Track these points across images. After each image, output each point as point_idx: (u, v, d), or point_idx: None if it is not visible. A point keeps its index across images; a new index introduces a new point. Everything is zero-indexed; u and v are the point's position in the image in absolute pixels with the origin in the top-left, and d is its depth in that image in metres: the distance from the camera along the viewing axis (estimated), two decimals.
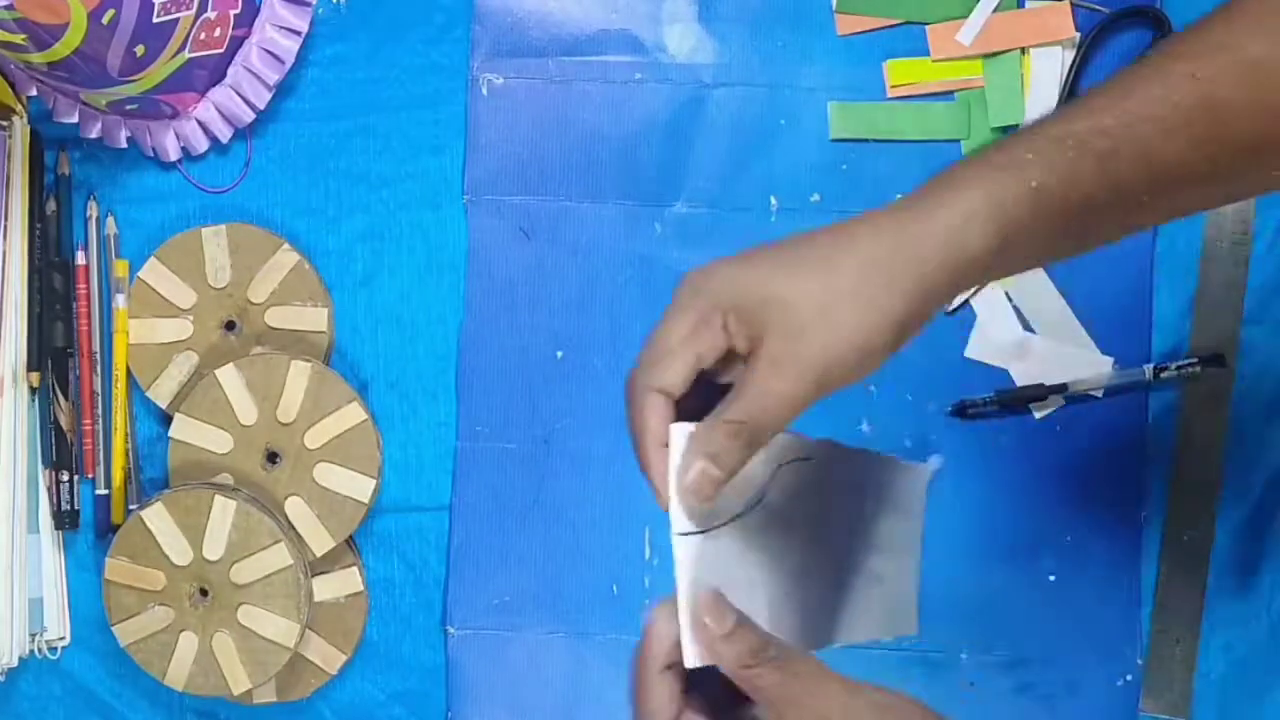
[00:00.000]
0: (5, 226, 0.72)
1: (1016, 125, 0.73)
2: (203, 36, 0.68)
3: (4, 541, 0.71)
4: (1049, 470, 0.73)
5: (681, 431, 0.46)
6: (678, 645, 0.48)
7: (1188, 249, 0.74)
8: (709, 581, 0.48)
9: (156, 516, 0.70)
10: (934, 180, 0.48)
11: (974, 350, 0.74)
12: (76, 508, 0.74)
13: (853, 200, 0.74)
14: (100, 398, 0.74)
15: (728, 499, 0.48)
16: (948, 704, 0.67)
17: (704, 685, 0.48)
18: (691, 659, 0.48)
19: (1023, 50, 0.73)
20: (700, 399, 0.47)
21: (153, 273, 0.73)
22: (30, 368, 0.72)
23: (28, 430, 0.73)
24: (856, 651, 0.74)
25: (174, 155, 0.74)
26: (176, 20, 0.65)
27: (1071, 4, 0.73)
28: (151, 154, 0.74)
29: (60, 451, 0.73)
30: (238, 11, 0.70)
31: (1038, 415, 0.73)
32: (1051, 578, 0.73)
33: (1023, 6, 0.73)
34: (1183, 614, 0.72)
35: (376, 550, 0.75)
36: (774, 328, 0.45)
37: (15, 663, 0.71)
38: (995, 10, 0.73)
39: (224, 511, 0.69)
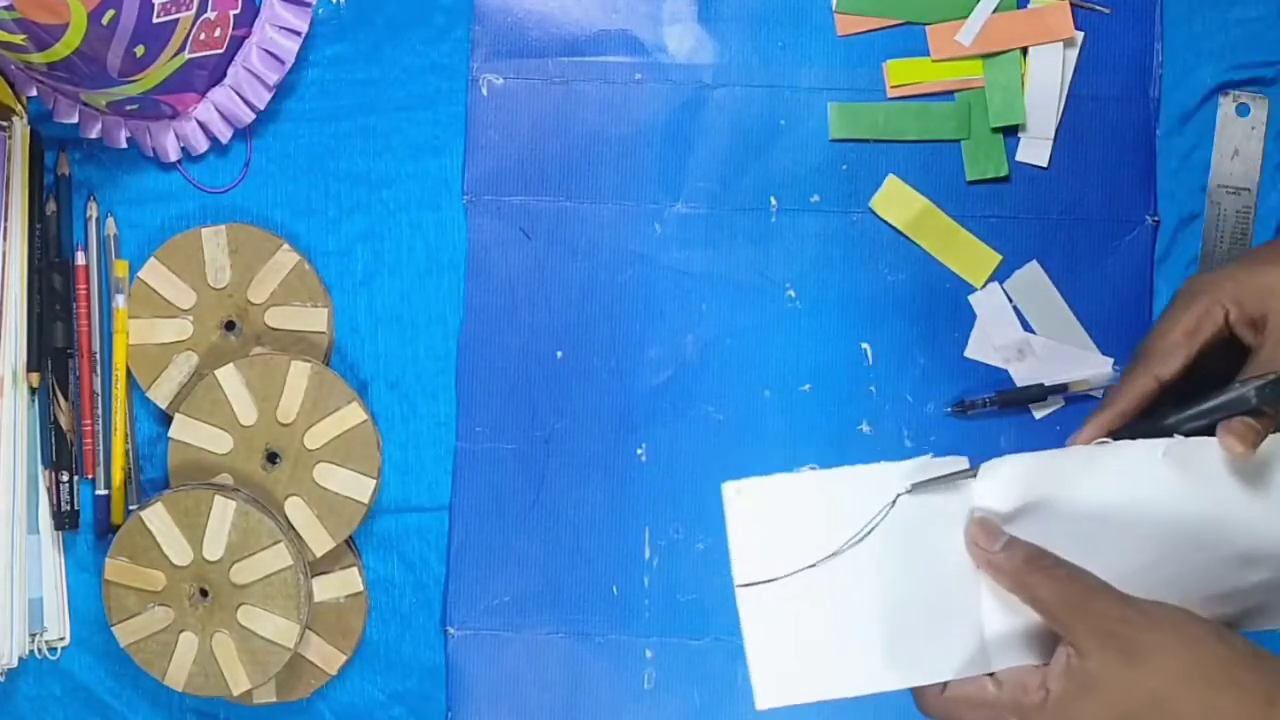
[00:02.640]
0: (5, 227, 0.72)
1: (1016, 125, 0.73)
2: (203, 37, 0.68)
3: (4, 542, 0.71)
4: None
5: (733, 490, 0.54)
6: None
7: (1187, 249, 0.74)
8: (778, 631, 0.53)
9: (156, 517, 0.70)
10: None
11: (974, 350, 0.74)
12: (76, 508, 0.74)
13: (853, 201, 0.74)
14: (100, 398, 0.74)
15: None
16: None
17: None
18: (764, 700, 0.52)
19: (1023, 50, 0.73)
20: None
21: (153, 273, 0.73)
22: (30, 368, 0.72)
23: (28, 430, 0.72)
24: None
25: (174, 155, 0.74)
26: (176, 20, 0.65)
27: (1071, 4, 0.73)
28: (151, 154, 0.74)
29: (60, 452, 0.73)
30: (237, 12, 0.70)
31: (1038, 415, 0.73)
32: None
33: (1023, 7, 0.73)
34: None
35: (376, 550, 0.75)
36: (1277, 309, 0.54)
37: (15, 663, 0.71)
38: (995, 10, 0.73)
39: (224, 512, 0.69)
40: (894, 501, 0.54)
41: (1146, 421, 0.56)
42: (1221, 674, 0.49)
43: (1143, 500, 0.53)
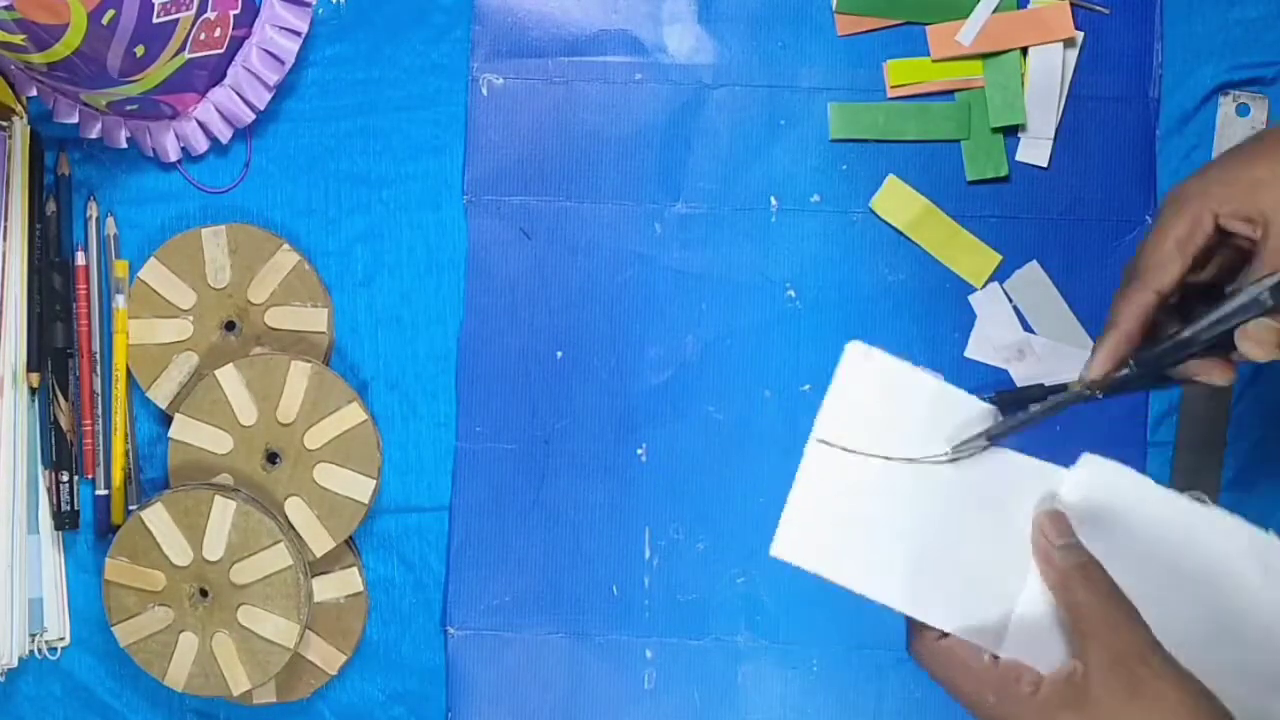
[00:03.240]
0: (5, 227, 0.72)
1: (1016, 125, 0.73)
2: (203, 37, 0.68)
3: (4, 542, 0.71)
4: None
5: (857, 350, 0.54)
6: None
7: None
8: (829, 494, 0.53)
9: (156, 517, 0.70)
10: None
11: (974, 350, 0.74)
12: (76, 508, 0.74)
13: (853, 200, 0.74)
14: (100, 398, 0.74)
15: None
16: (948, 706, 0.67)
17: None
18: (778, 549, 0.52)
19: (1023, 50, 0.73)
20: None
21: (153, 273, 0.73)
22: (30, 368, 0.72)
23: (28, 431, 0.73)
24: (853, 652, 0.74)
25: (174, 156, 0.74)
26: (176, 21, 0.65)
27: (1071, 4, 0.73)
28: (151, 154, 0.74)
29: (60, 452, 0.73)
30: (237, 12, 0.70)
31: None
32: None
33: (1023, 6, 0.73)
34: None
35: (376, 551, 0.75)
36: (1273, 206, 0.52)
37: (15, 663, 0.72)
38: (995, 10, 0.73)
39: (224, 512, 0.69)
40: (989, 443, 0.53)
41: (1154, 340, 0.54)
42: None
43: (1217, 575, 0.52)
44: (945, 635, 0.52)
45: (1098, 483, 0.53)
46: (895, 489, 0.53)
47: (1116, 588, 0.51)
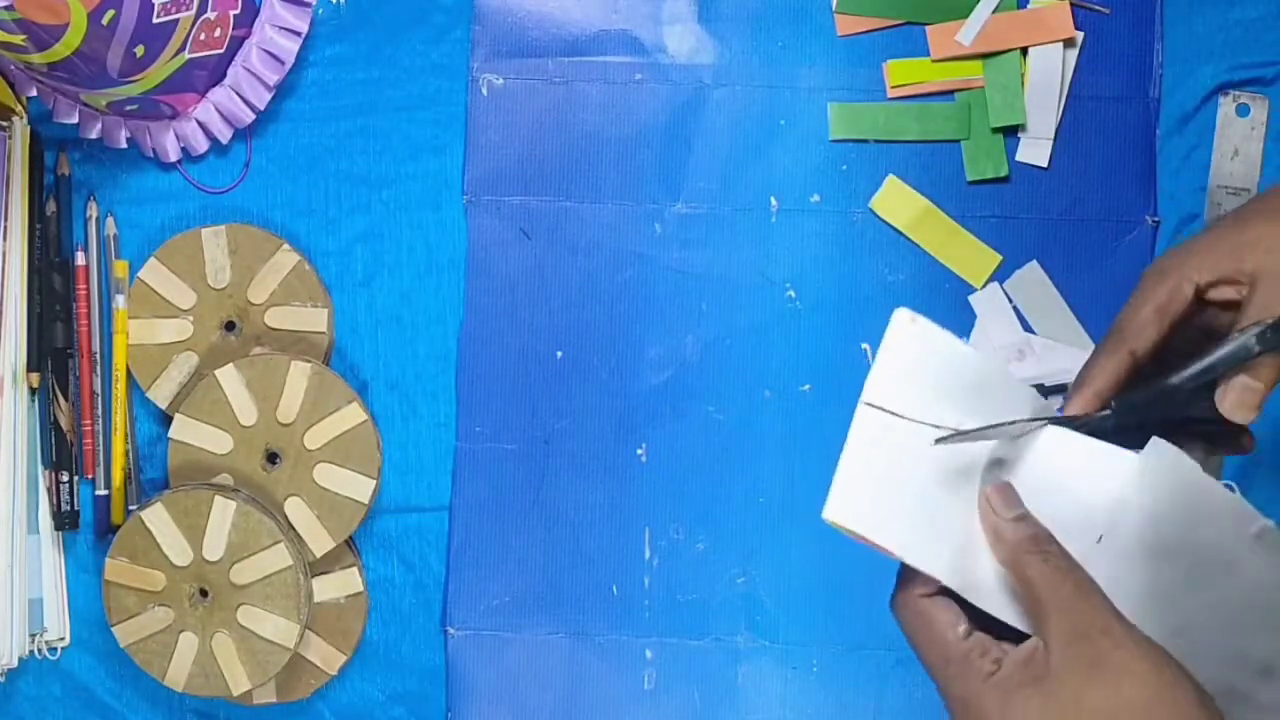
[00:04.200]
0: (5, 227, 0.72)
1: (1016, 125, 0.73)
2: (202, 37, 0.68)
3: (4, 542, 0.71)
4: None
5: (903, 318, 0.53)
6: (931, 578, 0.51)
7: None
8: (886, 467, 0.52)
9: (156, 517, 0.70)
10: None
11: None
12: (76, 508, 0.74)
13: (853, 200, 0.74)
14: (100, 398, 0.74)
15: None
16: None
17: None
18: (831, 512, 0.51)
19: (1023, 50, 0.73)
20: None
21: (153, 273, 0.73)
22: (30, 368, 0.72)
23: (28, 431, 0.73)
24: (853, 652, 0.74)
25: (174, 156, 0.74)
26: (176, 21, 0.65)
27: (1071, 4, 0.73)
28: (151, 154, 0.74)
29: (60, 452, 0.73)
30: (237, 12, 0.70)
31: None
32: None
33: (1023, 7, 0.73)
34: None
35: (376, 551, 0.75)
36: (1261, 263, 0.53)
37: (15, 663, 0.72)
38: (995, 10, 0.73)
39: (224, 512, 0.69)
40: (1043, 424, 0.52)
41: (1140, 388, 0.54)
42: None
43: (1228, 562, 0.51)
44: (935, 594, 0.51)
45: (1164, 468, 0.52)
46: (946, 457, 0.52)
47: (1071, 559, 0.49)
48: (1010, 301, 0.74)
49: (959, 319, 0.74)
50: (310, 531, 0.71)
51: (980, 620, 0.50)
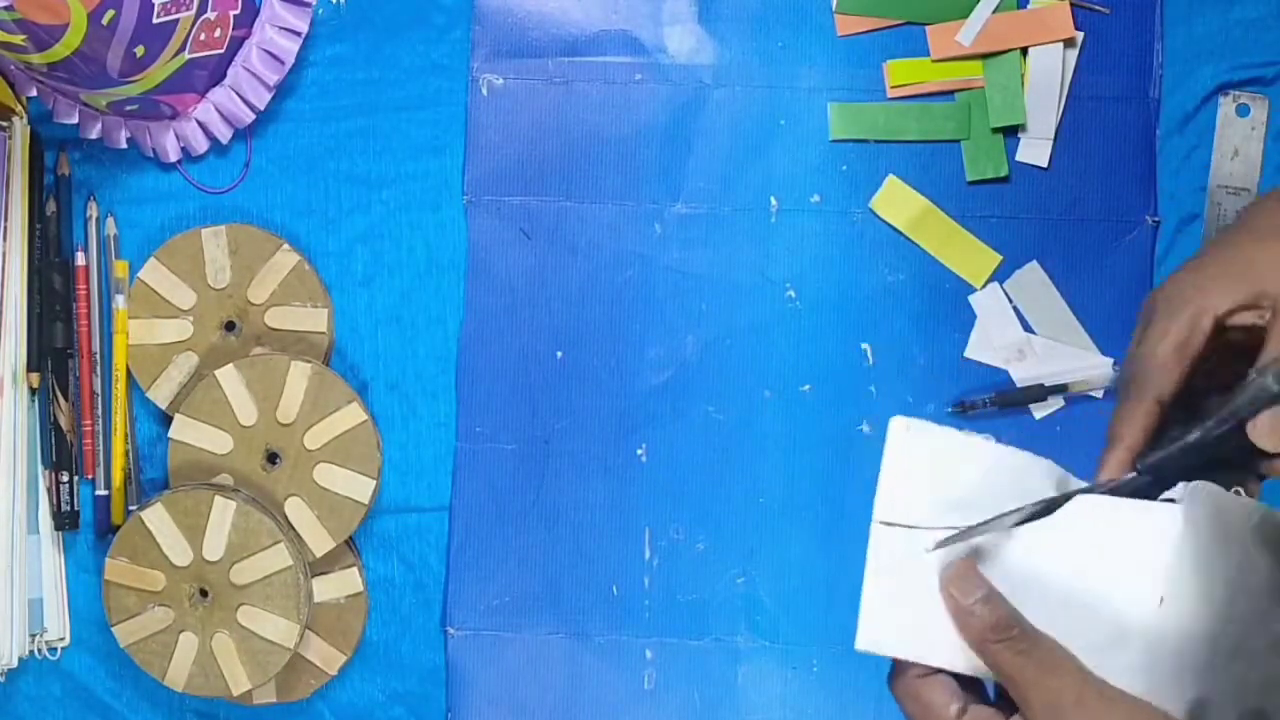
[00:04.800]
0: (5, 227, 0.72)
1: (1016, 125, 0.73)
2: (202, 37, 0.68)
3: (4, 542, 0.71)
4: None
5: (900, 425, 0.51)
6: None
7: (1187, 249, 0.74)
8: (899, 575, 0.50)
9: (156, 517, 0.70)
10: None
11: (974, 350, 0.74)
12: (76, 508, 0.74)
13: (853, 200, 0.74)
14: (100, 398, 0.74)
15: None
16: None
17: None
18: (863, 642, 0.50)
19: (1023, 50, 0.73)
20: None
21: (153, 273, 0.73)
22: (30, 368, 0.72)
23: (27, 431, 0.73)
24: (853, 652, 0.74)
25: (174, 156, 0.74)
26: (176, 21, 0.65)
27: (1071, 4, 0.73)
28: (151, 154, 0.74)
29: (60, 452, 0.73)
30: (237, 12, 0.70)
31: (1038, 415, 0.73)
32: None
33: (1023, 7, 0.73)
34: None
35: (376, 551, 0.75)
36: (1274, 287, 0.50)
37: (15, 663, 0.72)
38: (995, 10, 0.73)
39: (224, 512, 0.69)
40: (1050, 507, 0.50)
41: (1163, 445, 0.52)
42: None
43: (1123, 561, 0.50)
44: (930, 674, 0.50)
45: (1207, 510, 0.49)
46: (966, 552, 0.50)
47: (1033, 635, 0.48)
48: (1010, 301, 0.74)
49: (959, 319, 0.74)
50: (310, 531, 0.71)
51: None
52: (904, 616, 0.50)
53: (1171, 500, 0.50)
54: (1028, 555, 0.50)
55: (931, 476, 0.51)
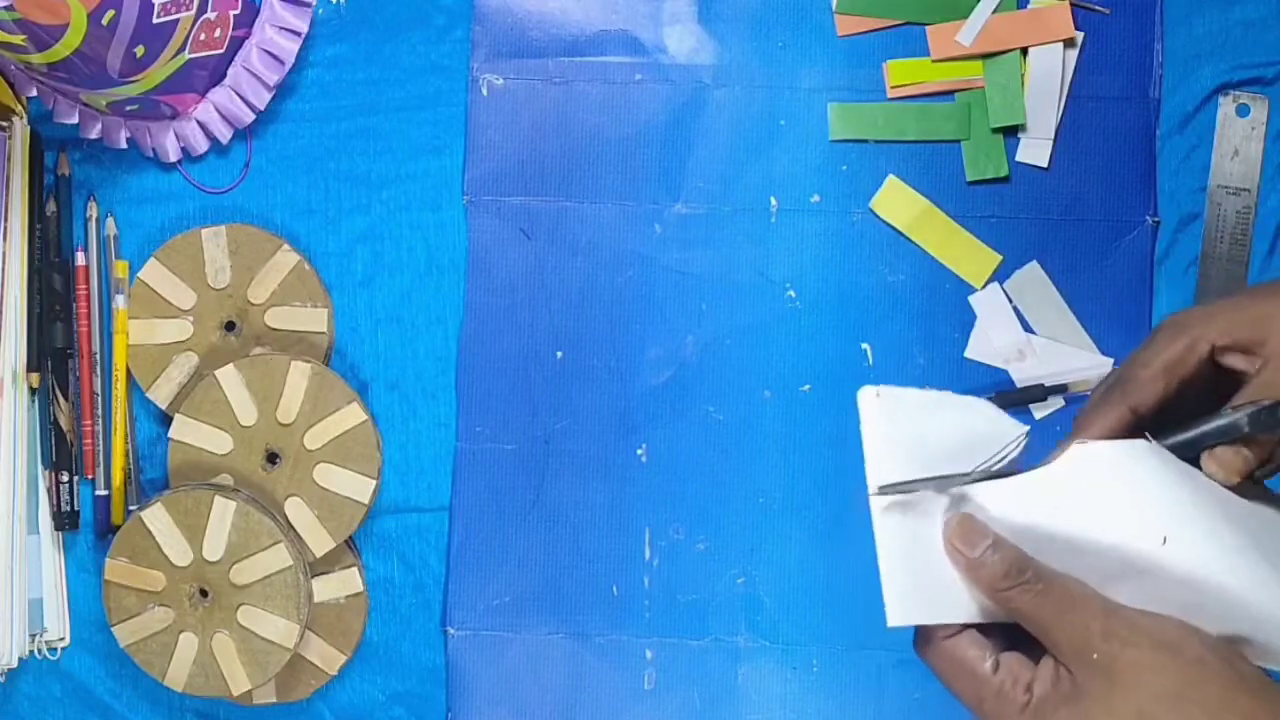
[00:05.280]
0: (5, 227, 0.72)
1: (1016, 125, 0.73)
2: (202, 37, 0.68)
3: (4, 542, 0.71)
4: None
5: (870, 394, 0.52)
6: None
7: (1188, 249, 0.74)
8: (910, 542, 0.50)
9: (156, 517, 0.70)
10: None
11: (974, 350, 0.74)
12: (76, 508, 0.74)
13: (853, 201, 0.74)
14: (100, 398, 0.74)
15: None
16: (948, 706, 0.66)
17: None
18: (895, 618, 0.50)
19: (1023, 50, 0.73)
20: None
21: (153, 273, 0.73)
22: (30, 368, 0.72)
23: (28, 431, 0.73)
24: (853, 652, 0.74)
25: (174, 156, 0.74)
26: (176, 21, 0.65)
27: (1071, 4, 0.73)
28: (151, 155, 0.74)
29: (60, 452, 0.73)
30: (237, 12, 0.70)
31: (1038, 415, 0.73)
32: None
33: (1023, 7, 0.73)
34: None
35: (376, 551, 0.75)
36: (1276, 335, 0.51)
37: (15, 663, 0.72)
38: (995, 10, 0.73)
39: (224, 512, 0.69)
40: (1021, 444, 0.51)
41: None
42: (1219, 699, 0.46)
43: (1127, 502, 0.50)
44: (958, 631, 0.50)
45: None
46: (960, 506, 0.51)
47: (1047, 574, 0.49)
48: (1010, 301, 0.74)
49: (959, 319, 0.74)
50: (310, 531, 0.71)
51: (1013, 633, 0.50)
52: (922, 582, 0.51)
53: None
54: (1026, 507, 0.50)
55: (911, 434, 0.52)
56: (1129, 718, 0.46)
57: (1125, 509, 0.50)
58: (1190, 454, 0.51)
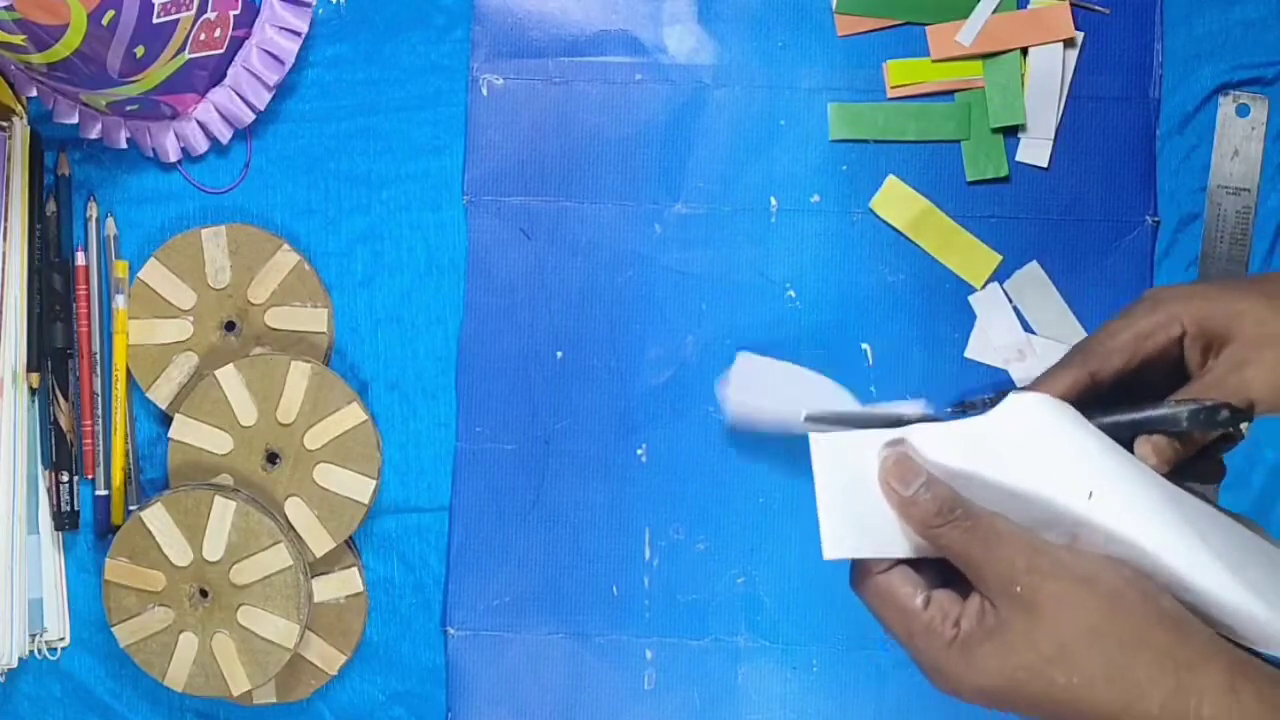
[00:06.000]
0: (5, 227, 0.72)
1: (1017, 125, 0.73)
2: (202, 37, 0.68)
3: (4, 542, 0.71)
4: None
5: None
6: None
7: (1188, 249, 0.74)
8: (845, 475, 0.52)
9: (156, 517, 0.70)
10: None
11: (974, 350, 0.74)
12: (76, 508, 0.74)
13: (853, 201, 0.74)
14: (100, 398, 0.74)
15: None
16: (948, 706, 0.66)
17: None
18: (826, 550, 0.51)
19: (1023, 50, 0.73)
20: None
21: (153, 273, 0.73)
22: (30, 368, 0.72)
23: (28, 431, 0.73)
24: (853, 652, 0.74)
25: (174, 156, 0.74)
26: (176, 21, 0.65)
27: (1071, 4, 0.73)
28: (151, 155, 0.74)
29: (60, 452, 0.73)
30: (237, 12, 0.70)
31: None
32: None
33: (1023, 7, 0.73)
34: None
35: (376, 551, 0.75)
36: (1239, 336, 0.52)
37: (15, 663, 0.72)
38: (995, 10, 0.73)
39: (224, 512, 0.69)
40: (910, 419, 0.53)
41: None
42: (1134, 633, 0.46)
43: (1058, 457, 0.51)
44: (890, 566, 0.51)
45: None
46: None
47: (977, 512, 0.49)
48: (1010, 301, 0.74)
49: (959, 319, 0.74)
50: (310, 532, 0.71)
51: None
52: (856, 518, 0.52)
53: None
54: (961, 452, 0.51)
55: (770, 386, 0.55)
56: (1050, 650, 0.47)
57: (1055, 461, 0.51)
58: (1125, 435, 0.52)
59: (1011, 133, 0.74)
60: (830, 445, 0.52)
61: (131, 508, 0.74)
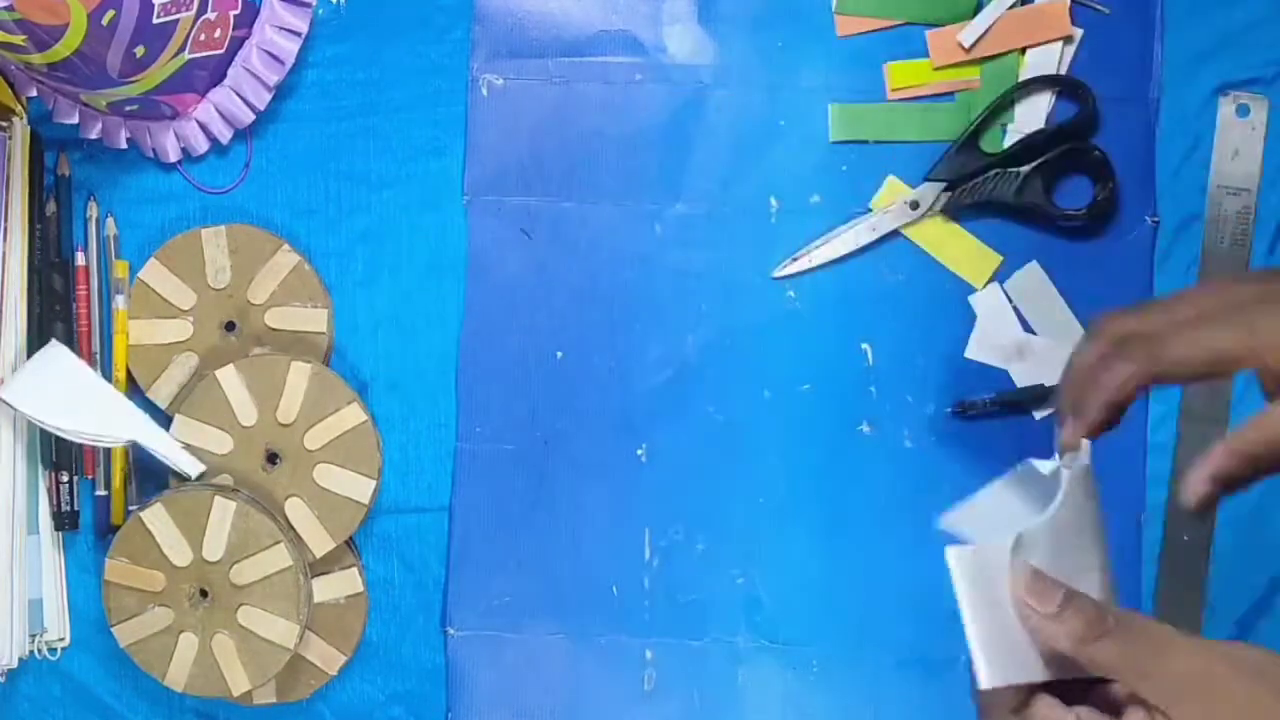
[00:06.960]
0: (5, 227, 0.72)
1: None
2: (203, 37, 0.68)
3: (4, 542, 0.71)
4: None
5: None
6: None
7: (1188, 249, 0.74)
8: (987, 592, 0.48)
9: (156, 517, 0.70)
10: None
11: (974, 351, 0.74)
12: (76, 508, 0.74)
13: (853, 202, 0.74)
14: None
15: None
16: (948, 706, 0.67)
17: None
18: (986, 679, 0.47)
19: (1021, 50, 0.73)
20: None
21: (153, 274, 0.73)
22: None
23: (28, 431, 0.72)
24: (853, 652, 0.74)
25: (174, 156, 0.74)
26: (176, 21, 0.65)
27: (1071, 3, 0.73)
28: (151, 155, 0.74)
29: (60, 452, 0.73)
30: (237, 12, 0.70)
31: (1038, 416, 0.73)
32: None
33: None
34: (1183, 615, 0.72)
35: (376, 551, 0.75)
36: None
37: (15, 664, 0.72)
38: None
39: (224, 512, 0.69)
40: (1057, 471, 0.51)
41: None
42: None
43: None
44: (1027, 701, 0.48)
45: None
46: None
47: (1128, 619, 0.46)
48: (1010, 301, 0.74)
49: (959, 319, 0.74)
50: (310, 532, 0.71)
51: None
52: (1004, 635, 0.48)
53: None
54: (1046, 539, 0.49)
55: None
56: None
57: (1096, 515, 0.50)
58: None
59: None
60: (968, 559, 0.49)
61: (131, 508, 0.74)
